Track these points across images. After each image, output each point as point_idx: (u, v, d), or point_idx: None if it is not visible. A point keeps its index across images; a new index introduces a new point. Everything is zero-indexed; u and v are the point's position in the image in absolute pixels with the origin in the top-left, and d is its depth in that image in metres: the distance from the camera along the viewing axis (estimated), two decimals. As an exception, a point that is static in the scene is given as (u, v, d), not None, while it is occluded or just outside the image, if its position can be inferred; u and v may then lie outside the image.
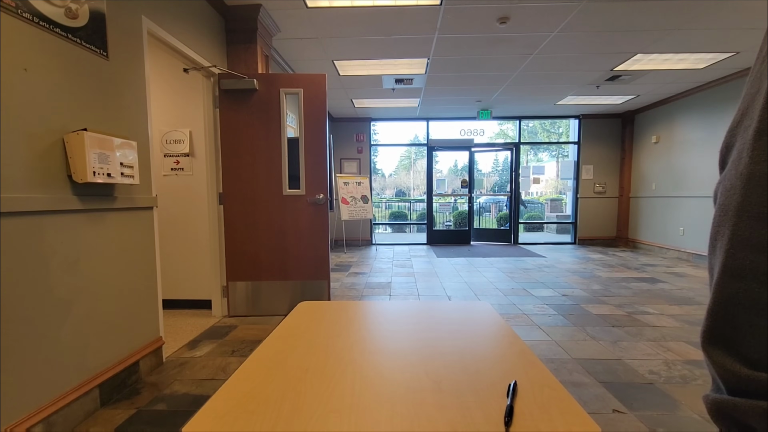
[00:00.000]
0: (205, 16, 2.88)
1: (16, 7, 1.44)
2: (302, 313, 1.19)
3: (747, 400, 0.38)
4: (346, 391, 0.72)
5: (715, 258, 0.43)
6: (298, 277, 3.23)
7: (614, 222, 7.54)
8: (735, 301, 0.39)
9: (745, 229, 0.39)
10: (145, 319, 2.19)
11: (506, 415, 0.63)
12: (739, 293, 0.39)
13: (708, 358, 0.43)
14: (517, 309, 3.36)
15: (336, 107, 6.63)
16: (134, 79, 2.10)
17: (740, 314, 0.39)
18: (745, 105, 0.42)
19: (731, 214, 0.40)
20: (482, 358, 0.86)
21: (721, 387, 0.42)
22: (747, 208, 0.38)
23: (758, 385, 0.37)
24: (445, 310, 1.22)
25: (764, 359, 0.38)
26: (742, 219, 0.39)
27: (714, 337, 0.42)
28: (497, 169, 19.11)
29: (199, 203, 3.33)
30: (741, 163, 0.40)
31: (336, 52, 4.10)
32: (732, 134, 0.43)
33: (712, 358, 0.42)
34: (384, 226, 11.40)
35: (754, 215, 0.38)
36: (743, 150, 0.40)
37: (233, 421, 0.64)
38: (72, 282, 1.70)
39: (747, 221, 0.38)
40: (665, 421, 1.71)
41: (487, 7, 3.14)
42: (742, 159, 0.40)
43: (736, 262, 0.39)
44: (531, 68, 4.67)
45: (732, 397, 0.40)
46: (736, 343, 0.40)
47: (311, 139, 3.17)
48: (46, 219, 1.57)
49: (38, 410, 1.52)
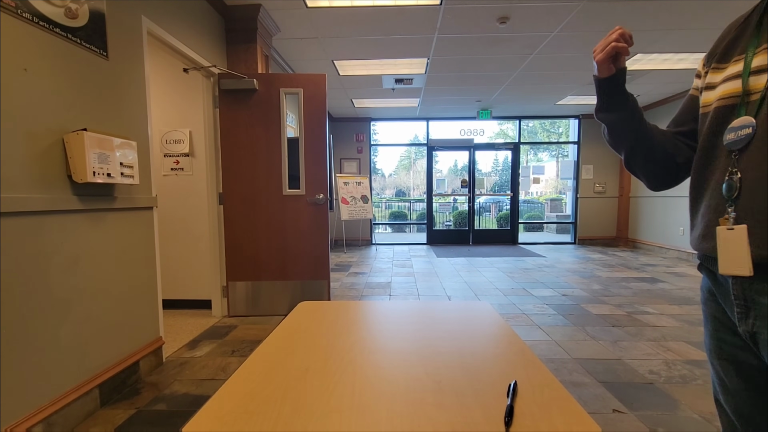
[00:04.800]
0: (205, 16, 2.88)
1: (16, 7, 1.44)
2: (302, 313, 1.19)
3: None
4: (347, 391, 0.72)
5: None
6: (298, 277, 3.23)
7: (614, 222, 7.54)
8: None
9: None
10: (145, 319, 2.19)
11: (506, 415, 0.63)
12: None
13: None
14: (517, 309, 3.36)
15: (336, 107, 6.63)
16: (134, 79, 2.10)
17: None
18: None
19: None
20: (482, 358, 0.86)
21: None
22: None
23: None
24: (445, 310, 1.22)
25: None
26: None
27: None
28: (497, 169, 19.10)
29: (199, 203, 3.33)
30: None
31: (336, 52, 4.10)
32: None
33: None
34: (384, 226, 11.40)
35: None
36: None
37: (233, 421, 0.64)
38: (72, 282, 1.70)
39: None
40: (665, 421, 1.71)
41: (487, 7, 3.14)
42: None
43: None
44: (531, 68, 4.67)
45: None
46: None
47: (311, 139, 3.17)
48: (46, 219, 1.57)
49: (38, 410, 1.52)
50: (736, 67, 0.67)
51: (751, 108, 0.63)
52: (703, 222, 0.71)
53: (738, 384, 0.70)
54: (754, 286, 0.62)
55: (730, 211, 0.64)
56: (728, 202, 0.65)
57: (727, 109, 0.67)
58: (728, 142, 0.66)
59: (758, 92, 0.63)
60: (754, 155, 0.62)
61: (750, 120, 0.63)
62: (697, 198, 0.74)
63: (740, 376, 0.70)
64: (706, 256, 0.74)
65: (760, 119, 0.62)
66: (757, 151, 0.62)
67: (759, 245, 0.60)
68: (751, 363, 0.68)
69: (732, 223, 0.64)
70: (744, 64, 0.66)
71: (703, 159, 0.72)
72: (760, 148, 0.62)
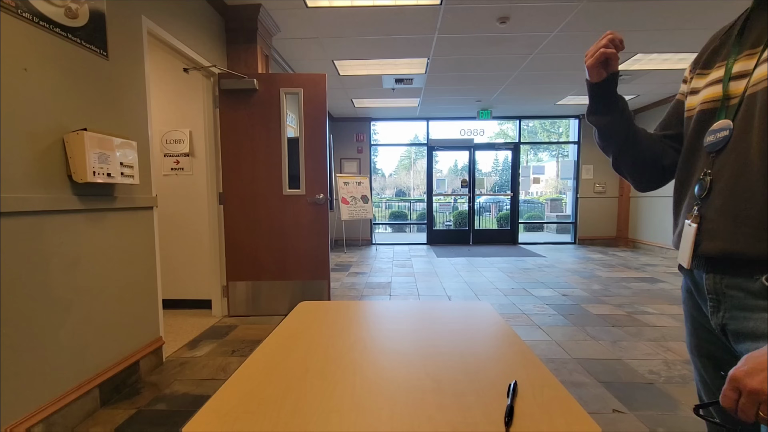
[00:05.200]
0: (205, 16, 2.88)
1: (16, 7, 1.44)
2: (302, 313, 1.19)
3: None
4: (347, 391, 0.72)
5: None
6: (298, 277, 3.23)
7: (614, 222, 7.54)
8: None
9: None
10: (145, 319, 2.19)
11: (506, 415, 0.63)
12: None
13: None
14: (517, 309, 3.36)
15: (336, 107, 6.63)
16: (134, 79, 2.10)
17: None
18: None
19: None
20: (482, 358, 0.86)
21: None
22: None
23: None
24: (445, 310, 1.22)
25: None
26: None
27: None
28: (497, 169, 19.09)
29: (199, 203, 3.33)
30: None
31: (336, 52, 4.10)
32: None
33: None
34: (384, 226, 11.40)
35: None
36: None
37: (233, 421, 0.64)
38: (72, 282, 1.70)
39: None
40: (665, 421, 1.71)
41: (487, 7, 3.14)
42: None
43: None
44: (531, 68, 4.67)
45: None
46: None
47: (311, 138, 3.17)
48: (46, 219, 1.57)
49: (38, 410, 1.52)
50: (718, 72, 0.70)
51: (730, 111, 0.66)
52: (681, 222, 0.75)
53: (717, 380, 0.73)
54: (724, 281, 0.65)
55: (695, 209, 0.69)
56: (697, 201, 0.69)
57: (708, 113, 0.70)
58: (707, 145, 0.68)
59: (737, 96, 0.65)
60: (728, 157, 0.64)
61: (728, 123, 0.65)
62: (680, 199, 0.77)
63: (718, 372, 0.73)
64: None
65: (737, 122, 0.64)
66: (731, 152, 0.64)
67: (732, 242, 0.62)
68: (727, 359, 0.70)
69: (695, 221, 0.68)
70: (725, 70, 0.68)
71: (686, 161, 0.75)
72: (733, 150, 0.64)
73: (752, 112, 0.61)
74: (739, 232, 0.61)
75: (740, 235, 0.61)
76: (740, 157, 0.62)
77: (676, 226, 0.78)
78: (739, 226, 0.61)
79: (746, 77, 0.64)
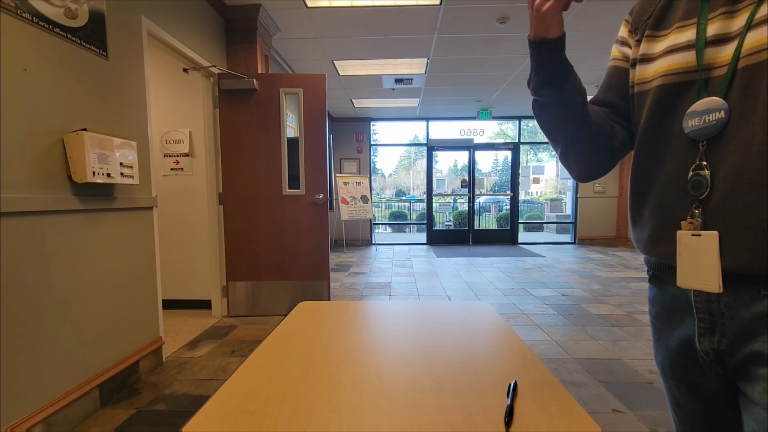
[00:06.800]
0: (205, 16, 2.88)
1: (15, 7, 1.44)
2: (302, 313, 1.19)
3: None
4: (346, 391, 0.72)
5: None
6: (298, 277, 3.23)
7: (614, 222, 7.54)
8: None
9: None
10: (144, 319, 2.19)
11: (506, 415, 0.63)
12: None
13: None
14: (517, 309, 3.36)
15: (336, 107, 6.63)
16: (134, 79, 2.10)
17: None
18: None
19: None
20: (482, 358, 0.86)
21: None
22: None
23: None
24: (445, 310, 1.22)
25: None
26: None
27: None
28: (497, 169, 19.09)
29: (199, 203, 3.33)
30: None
31: (336, 52, 4.10)
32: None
33: None
34: (384, 226, 11.40)
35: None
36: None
37: (233, 421, 0.64)
38: (72, 282, 1.70)
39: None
40: (665, 421, 1.71)
41: (486, 7, 3.14)
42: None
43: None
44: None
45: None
46: None
47: (311, 139, 3.17)
48: (45, 219, 1.57)
49: (38, 410, 1.52)
50: (683, 35, 0.56)
51: (715, 87, 0.52)
52: (653, 222, 0.61)
53: (693, 405, 0.64)
54: (723, 299, 0.53)
55: (697, 213, 0.54)
56: (695, 202, 0.54)
57: (675, 87, 0.56)
58: (693, 130, 0.54)
59: (721, 66, 0.51)
60: (726, 147, 0.51)
61: (720, 102, 0.51)
62: (642, 193, 0.63)
63: (695, 397, 0.64)
64: (661, 263, 0.64)
65: (732, 102, 0.50)
66: (729, 141, 0.51)
67: (735, 257, 0.50)
68: (708, 385, 0.61)
69: (699, 228, 0.53)
70: (697, 32, 0.54)
71: (647, 147, 0.61)
72: (732, 138, 0.50)
73: (753, 90, 0.48)
74: (745, 244, 0.49)
75: (746, 249, 0.49)
76: (743, 149, 0.49)
77: (641, 226, 0.64)
78: (744, 236, 0.49)
79: (727, 42, 0.51)
